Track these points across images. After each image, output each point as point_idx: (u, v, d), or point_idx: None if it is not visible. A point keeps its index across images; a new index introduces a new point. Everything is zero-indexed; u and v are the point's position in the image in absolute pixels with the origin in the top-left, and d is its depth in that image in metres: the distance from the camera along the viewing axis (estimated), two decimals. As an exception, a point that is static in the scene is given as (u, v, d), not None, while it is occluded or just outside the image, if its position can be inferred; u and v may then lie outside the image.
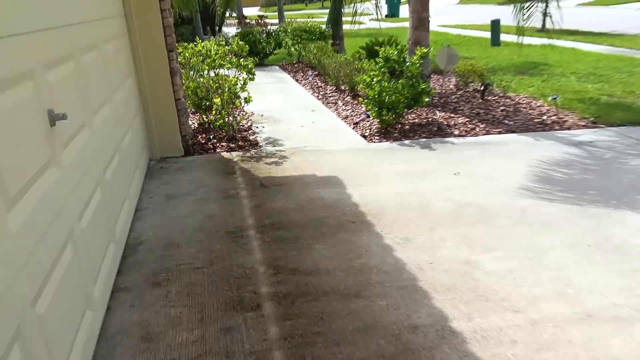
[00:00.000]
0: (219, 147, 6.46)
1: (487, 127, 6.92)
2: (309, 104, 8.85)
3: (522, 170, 5.25)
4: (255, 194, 4.93)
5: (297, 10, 44.66)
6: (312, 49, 12.07)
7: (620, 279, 3.28)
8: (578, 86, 9.01)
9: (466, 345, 2.75)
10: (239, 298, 3.23)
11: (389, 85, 6.58)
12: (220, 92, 6.64)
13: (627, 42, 14.63)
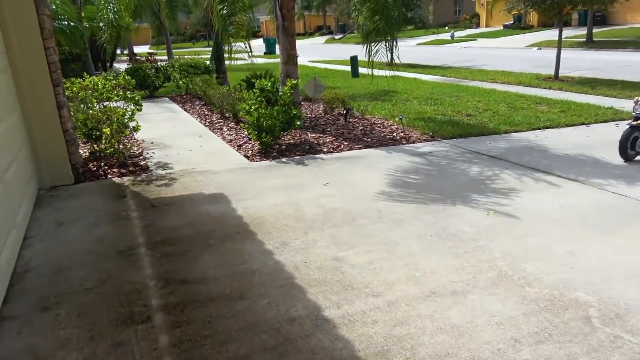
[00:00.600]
0: (111, 174, 6.03)
1: (350, 144, 7.16)
2: (197, 131, 8.59)
3: (378, 178, 5.49)
4: (146, 214, 4.65)
5: (185, 48, 43.48)
6: (198, 82, 11.77)
7: (455, 261, 3.52)
8: (419, 108, 9.66)
9: (336, 329, 2.78)
10: (129, 313, 3.00)
11: (266, 112, 6.58)
12: (109, 122, 6.22)
13: (454, 73, 16.03)
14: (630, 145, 5.75)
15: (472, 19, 44.64)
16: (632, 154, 5.80)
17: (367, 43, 7.76)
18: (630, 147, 5.76)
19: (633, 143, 5.75)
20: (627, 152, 5.76)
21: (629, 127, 5.76)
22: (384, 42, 7.72)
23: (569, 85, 11.84)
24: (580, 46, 23.90)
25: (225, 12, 7.85)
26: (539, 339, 2.62)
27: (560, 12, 12.45)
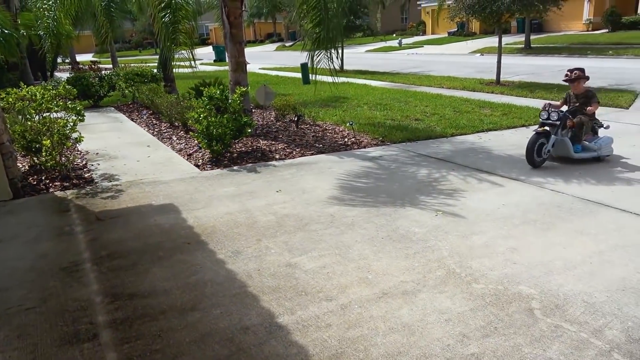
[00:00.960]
0: (52, 187, 5.77)
1: (302, 150, 7.19)
2: (145, 140, 8.37)
3: (330, 184, 5.54)
4: (91, 228, 4.48)
5: (131, 56, 42.30)
6: (145, 91, 11.48)
7: (406, 261, 3.60)
8: (369, 113, 9.82)
9: (290, 336, 2.77)
10: (74, 331, 2.88)
11: (216, 120, 6.50)
12: (49, 134, 5.95)
13: (402, 79, 16.42)
14: (536, 151, 5.72)
15: (418, 27, 45.93)
16: (539, 160, 5.78)
17: (311, 51, 7.85)
18: (537, 153, 5.73)
19: (539, 149, 5.74)
20: (534, 158, 5.73)
21: (534, 134, 5.74)
22: (326, 51, 7.82)
23: (509, 90, 12.39)
24: (519, 52, 25.08)
25: (168, 20, 7.71)
26: (486, 332, 2.72)
27: (499, 20, 13.03)
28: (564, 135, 5.88)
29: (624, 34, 26.12)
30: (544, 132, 5.73)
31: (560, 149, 5.91)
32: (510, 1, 12.10)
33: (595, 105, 5.96)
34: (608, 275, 3.26)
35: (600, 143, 6.00)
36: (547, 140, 5.75)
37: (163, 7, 8.12)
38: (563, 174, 5.56)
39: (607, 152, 6.06)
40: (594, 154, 5.94)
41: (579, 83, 6.10)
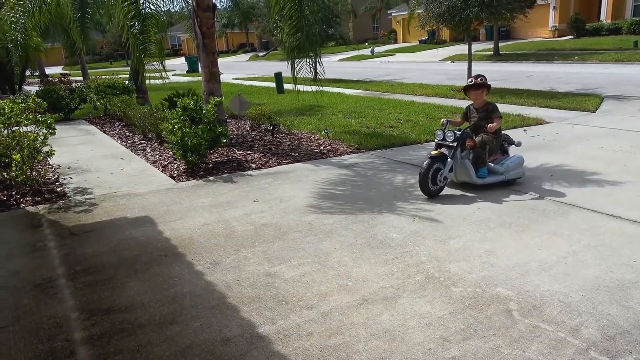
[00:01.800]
0: (23, 203, 5.61)
1: (278, 159, 7.18)
2: (118, 153, 8.23)
3: (307, 192, 5.54)
4: (65, 243, 4.37)
5: (102, 67, 41.67)
6: (117, 103, 11.31)
7: (385, 267, 3.62)
8: (344, 121, 9.89)
9: (272, 345, 2.75)
10: (50, 349, 2.80)
11: (190, 131, 6.44)
12: (19, 148, 5.80)
13: (376, 87, 16.60)
14: (431, 179, 4.98)
15: (389, 35, 46.62)
16: (434, 189, 5.03)
17: (291, 60, 7.87)
18: (432, 181, 4.99)
19: (434, 176, 4.99)
20: (429, 187, 5.00)
21: (428, 158, 5.02)
22: (307, 59, 7.87)
23: (480, 96, 12.65)
24: (489, 59, 25.69)
25: (137, 30, 7.63)
26: (466, 335, 2.75)
27: (468, 28, 13.35)
28: (465, 158, 5.19)
29: (589, 40, 27.07)
30: (439, 156, 5.04)
31: (461, 173, 5.23)
32: (478, 9, 12.42)
33: (498, 120, 5.22)
34: (582, 275, 3.35)
35: (507, 164, 5.27)
36: (443, 164, 5.02)
37: (132, 17, 8.03)
38: (536, 177, 5.68)
39: (517, 174, 5.36)
40: (501, 178, 5.24)
41: (482, 93, 5.31)
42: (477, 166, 5.22)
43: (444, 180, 5.08)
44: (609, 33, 28.14)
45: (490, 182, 5.22)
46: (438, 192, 5.10)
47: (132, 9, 8.59)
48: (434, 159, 5.00)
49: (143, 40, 7.96)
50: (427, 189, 5.01)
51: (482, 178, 5.20)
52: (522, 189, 5.25)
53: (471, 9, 12.45)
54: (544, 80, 15.58)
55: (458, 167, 5.19)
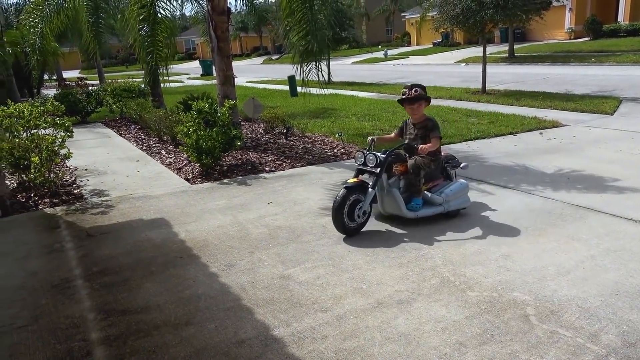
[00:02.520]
0: (42, 204, 5.69)
1: (291, 162, 7.19)
2: (134, 155, 8.32)
3: (321, 194, 5.53)
4: (82, 244, 4.42)
5: (118, 71, 42.15)
6: (132, 106, 11.44)
7: (400, 270, 3.60)
8: (358, 124, 9.87)
9: (286, 348, 2.75)
10: (67, 349, 2.83)
11: (205, 134, 6.49)
12: (38, 150, 5.89)
13: (389, 90, 16.55)
14: (347, 213, 4.11)
15: (403, 38, 46.47)
16: (352, 226, 4.17)
17: (299, 63, 7.92)
18: (349, 215, 4.12)
19: (352, 209, 4.13)
20: (344, 222, 4.12)
21: (344, 189, 4.16)
22: (315, 62, 7.90)
23: (495, 98, 12.55)
24: (504, 61, 25.46)
25: (146, 34, 7.73)
26: (482, 340, 2.72)
27: (483, 30, 13.24)
28: (394, 185, 4.37)
29: (605, 41, 26.68)
30: (358, 185, 4.19)
31: (389, 204, 4.38)
32: (493, 11, 12.31)
33: (434, 141, 4.32)
34: (601, 280, 3.29)
35: (447, 193, 4.45)
36: (364, 195, 4.17)
37: (142, 20, 8.12)
38: (551, 180, 5.61)
39: (459, 204, 4.53)
40: (438, 210, 4.42)
41: (418, 107, 4.47)
42: (411, 195, 4.42)
43: (364, 216, 4.22)
44: (626, 34, 27.72)
45: (425, 215, 4.36)
46: (357, 230, 4.24)
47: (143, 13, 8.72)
48: (351, 189, 4.14)
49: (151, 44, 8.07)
50: (343, 225, 4.13)
51: (415, 210, 4.34)
52: (538, 192, 5.19)
53: (486, 11, 12.35)
54: (560, 82, 15.40)
55: (385, 196, 4.37)
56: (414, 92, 4.42)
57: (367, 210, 4.25)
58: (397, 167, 4.40)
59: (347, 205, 4.11)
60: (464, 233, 4.21)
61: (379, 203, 4.45)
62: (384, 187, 4.38)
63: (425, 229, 4.35)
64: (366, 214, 4.26)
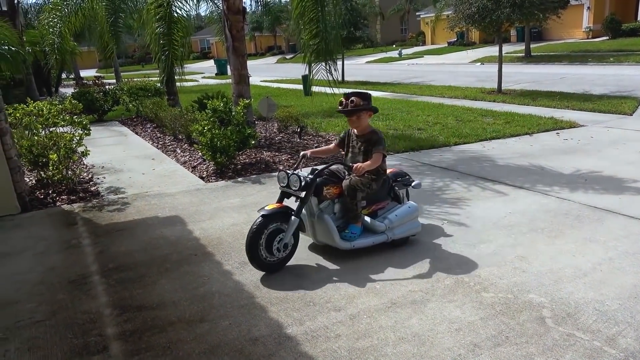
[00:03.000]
0: (59, 201, 5.78)
1: (305, 161, 7.17)
2: (149, 153, 8.40)
3: (335, 194, 5.52)
4: (98, 240, 4.48)
5: (134, 70, 42.61)
6: (148, 105, 11.55)
7: (414, 270, 3.58)
8: (372, 123, 9.82)
9: (300, 346, 2.75)
10: (84, 344, 2.87)
11: (219, 132, 6.53)
12: (56, 148, 5.99)
13: (404, 89, 16.48)
14: (266, 245, 3.50)
15: (418, 37, 46.22)
16: (272, 261, 3.55)
17: (310, 63, 7.95)
18: (267, 248, 3.51)
19: (270, 241, 3.52)
20: (259, 256, 3.49)
21: (261, 216, 3.53)
22: (325, 64, 7.92)
23: (511, 98, 12.42)
24: (520, 61, 25.19)
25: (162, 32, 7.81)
26: (497, 342, 2.69)
27: (499, 29, 13.11)
28: (326, 211, 3.73)
29: (625, 41, 26.24)
30: (279, 211, 3.56)
31: (321, 233, 3.72)
32: (510, 10, 12.17)
33: (375, 158, 3.67)
34: (619, 283, 3.24)
35: (390, 219, 3.81)
36: (286, 223, 3.56)
37: (159, 19, 8.20)
38: (568, 181, 5.54)
39: (406, 231, 3.89)
40: (381, 239, 3.78)
41: (359, 119, 3.80)
42: (347, 221, 3.79)
43: (285, 249, 3.58)
44: (646, 34, 27.24)
45: (364, 245, 3.73)
46: (279, 266, 3.60)
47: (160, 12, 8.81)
48: (269, 217, 3.51)
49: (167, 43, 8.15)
50: (258, 259, 3.50)
51: (351, 240, 3.69)
52: (554, 193, 5.12)
53: (502, 9, 12.22)
54: (577, 82, 15.19)
55: (316, 223, 3.72)
56: (351, 104, 3.73)
57: (290, 242, 3.60)
58: (329, 190, 3.72)
59: (264, 236, 3.48)
60: (478, 234, 4.17)
61: (309, 231, 3.80)
62: (314, 213, 3.73)
63: (440, 231, 4.32)
64: (288, 247, 3.60)
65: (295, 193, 3.64)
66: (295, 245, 3.71)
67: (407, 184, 4.19)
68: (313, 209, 3.74)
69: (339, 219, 3.85)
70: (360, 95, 3.82)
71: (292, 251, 3.69)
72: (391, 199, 4.09)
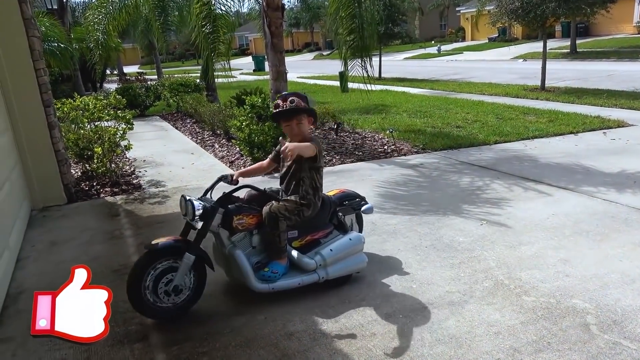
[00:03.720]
0: (103, 193, 5.98)
1: (341, 157, 7.18)
2: (188, 148, 8.58)
3: (370, 191, 5.48)
4: (139, 232, 4.61)
5: (175, 67, 43.61)
6: (188, 100, 11.80)
7: (451, 271, 3.52)
8: (409, 121, 9.73)
9: (335, 343, 2.75)
10: (125, 332, 2.96)
11: (257, 128, 6.60)
12: (100, 141, 6.20)
13: (442, 86, 16.20)
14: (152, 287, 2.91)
15: (457, 33, 45.33)
16: (163, 307, 2.94)
17: (346, 59, 7.93)
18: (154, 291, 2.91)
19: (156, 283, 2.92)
20: (144, 300, 2.91)
21: (145, 252, 2.97)
22: (361, 60, 7.89)
23: (555, 96, 12.01)
24: (565, 57, 24.32)
25: (208, 30, 7.93)
26: (538, 347, 2.61)
27: (543, 25, 12.69)
28: (240, 246, 3.12)
29: (678, 36, 24.93)
30: (170, 245, 2.97)
31: (235, 270, 3.10)
32: (555, 5, 11.76)
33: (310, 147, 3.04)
34: (670, 290, 3.08)
35: (324, 255, 3.17)
36: (180, 260, 2.95)
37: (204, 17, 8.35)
38: (615, 183, 5.31)
39: (345, 268, 3.26)
40: (310, 278, 3.16)
41: (300, 123, 3.18)
42: (269, 257, 3.17)
43: (174, 296, 2.95)
44: (703, 28, 25.78)
45: (286, 287, 3.11)
46: (177, 311, 2.99)
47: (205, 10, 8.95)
48: (156, 253, 2.93)
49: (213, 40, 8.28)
50: (142, 302, 2.90)
51: (270, 281, 3.07)
52: (600, 195, 4.92)
53: (548, 4, 11.82)
54: (626, 79, 14.53)
55: (229, 258, 3.12)
56: (290, 104, 3.12)
57: (185, 284, 2.99)
58: (240, 220, 3.05)
59: (149, 277, 2.89)
60: (519, 235, 4.06)
61: (223, 267, 3.29)
62: (226, 245, 3.13)
63: (478, 231, 4.23)
64: (181, 290, 2.97)
65: (193, 223, 3.00)
66: (201, 286, 3.09)
67: (356, 208, 3.61)
68: (224, 242, 3.13)
69: (260, 254, 3.19)
70: (300, 95, 3.20)
71: (195, 294, 3.06)
72: (334, 227, 3.40)
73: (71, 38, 15.96)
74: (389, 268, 3.61)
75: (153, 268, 2.92)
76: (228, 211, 3.06)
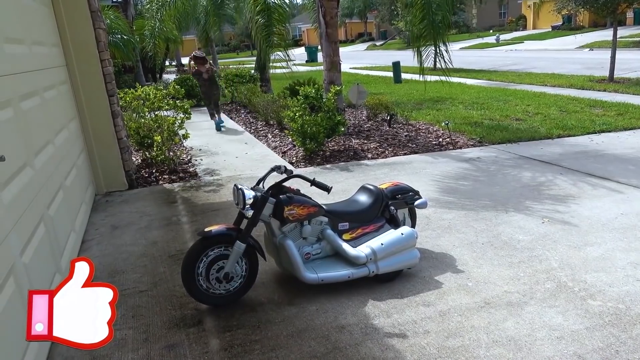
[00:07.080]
0: (161, 180, 6.19)
1: (394, 149, 7.06)
2: (242, 138, 8.72)
3: (424, 184, 5.36)
4: (195, 219, 4.73)
5: (230, 58, 44.46)
6: (243, 91, 11.98)
7: (510, 270, 3.37)
8: (465, 113, 9.43)
9: (387, 339, 2.70)
10: (181, 316, 3.04)
11: (310, 119, 6.59)
12: (160, 130, 6.40)
13: (500, 77, 15.58)
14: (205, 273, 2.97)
15: (518, 21, 43.46)
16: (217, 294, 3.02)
17: (416, 48, 7.74)
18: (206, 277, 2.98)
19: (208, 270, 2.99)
20: (198, 286, 2.98)
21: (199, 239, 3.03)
22: (433, 47, 7.69)
23: (625, 87, 11.27)
24: (636, 46, 22.76)
25: (263, 22, 7.98)
26: (605, 355, 2.45)
27: (614, 11, 11.90)
28: (290, 236, 3.14)
29: None
30: (222, 233, 3.03)
31: (285, 260, 3.14)
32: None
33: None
34: None
35: (375, 249, 3.13)
36: (231, 248, 3.00)
37: (259, 11, 8.44)
38: (694, 181, 4.91)
39: (396, 264, 3.21)
40: (360, 272, 3.13)
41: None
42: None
43: (226, 284, 3.00)
44: None
45: (334, 280, 3.10)
46: (230, 299, 3.06)
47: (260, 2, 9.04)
48: (208, 240, 3.00)
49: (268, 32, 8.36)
50: (196, 291, 2.99)
51: (314, 273, 3.08)
52: (677, 195, 4.56)
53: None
54: None
55: (280, 249, 3.14)
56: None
57: (236, 272, 3.03)
58: (290, 210, 3.07)
59: (202, 263, 2.97)
60: (585, 235, 3.83)
61: (274, 256, 3.30)
62: (277, 235, 3.15)
63: (540, 229, 4.03)
64: (232, 277, 3.01)
65: (245, 212, 3.02)
66: (253, 274, 3.13)
67: (409, 202, 3.55)
68: (275, 232, 3.17)
69: (310, 244, 3.23)
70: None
71: (248, 282, 3.11)
72: (386, 221, 3.40)
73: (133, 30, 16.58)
74: (443, 264, 3.51)
75: (205, 255, 3.00)
76: (279, 201, 3.09)
